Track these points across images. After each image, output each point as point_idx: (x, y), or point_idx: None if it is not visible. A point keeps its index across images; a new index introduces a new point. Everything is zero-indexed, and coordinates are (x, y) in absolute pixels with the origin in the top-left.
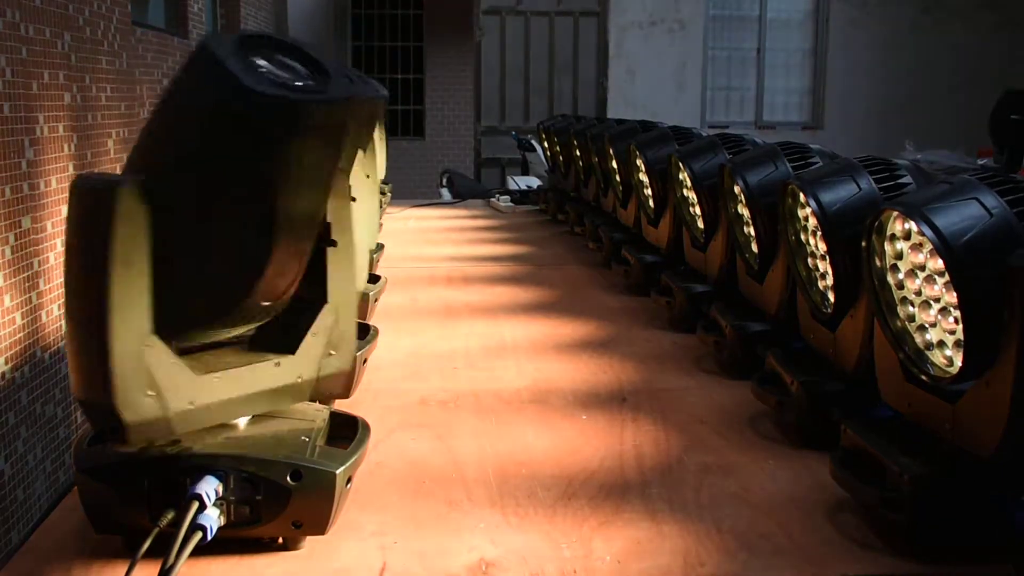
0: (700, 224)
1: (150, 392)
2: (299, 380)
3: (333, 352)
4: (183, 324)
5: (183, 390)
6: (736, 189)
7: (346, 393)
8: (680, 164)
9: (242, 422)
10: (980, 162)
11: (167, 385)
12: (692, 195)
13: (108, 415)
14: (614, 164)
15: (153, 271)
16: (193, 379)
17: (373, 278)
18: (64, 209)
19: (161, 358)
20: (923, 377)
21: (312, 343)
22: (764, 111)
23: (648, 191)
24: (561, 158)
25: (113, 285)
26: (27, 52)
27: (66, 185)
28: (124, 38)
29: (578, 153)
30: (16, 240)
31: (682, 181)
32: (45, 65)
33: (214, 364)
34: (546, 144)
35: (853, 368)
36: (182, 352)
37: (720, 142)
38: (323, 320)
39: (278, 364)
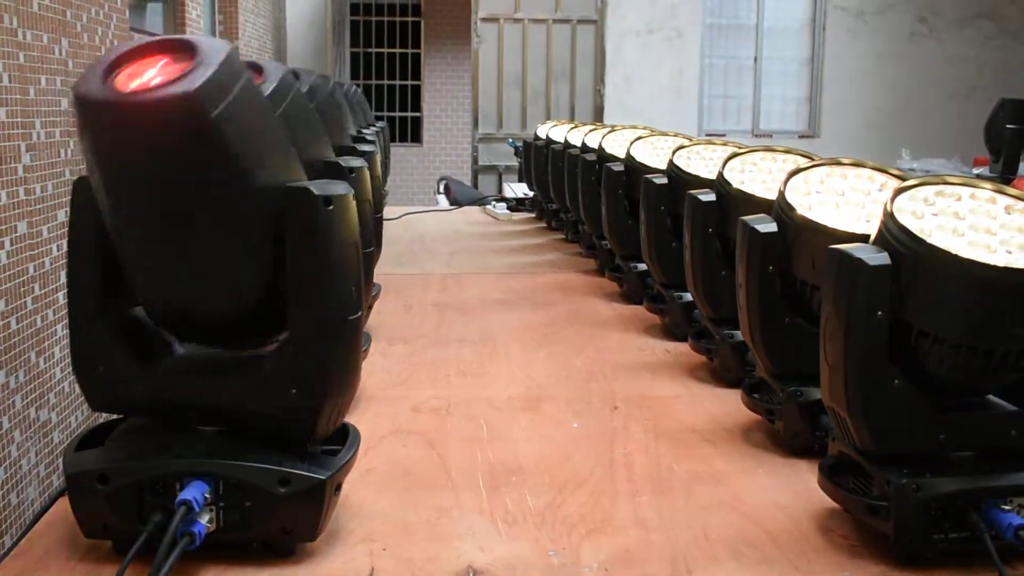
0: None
1: (100, 367)
2: (253, 409)
3: (296, 390)
4: (156, 314)
5: (132, 374)
6: None
7: (305, 437)
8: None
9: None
10: (976, 171)
11: (113, 365)
12: None
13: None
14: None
15: (110, 256)
16: (139, 366)
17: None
18: (60, 214)
19: (111, 339)
20: None
21: (271, 370)
22: (760, 119)
23: None
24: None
25: (72, 266)
26: (24, 58)
27: (62, 191)
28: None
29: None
30: (12, 245)
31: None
32: (42, 71)
33: (178, 362)
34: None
35: None
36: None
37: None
38: (283, 349)
39: (238, 383)
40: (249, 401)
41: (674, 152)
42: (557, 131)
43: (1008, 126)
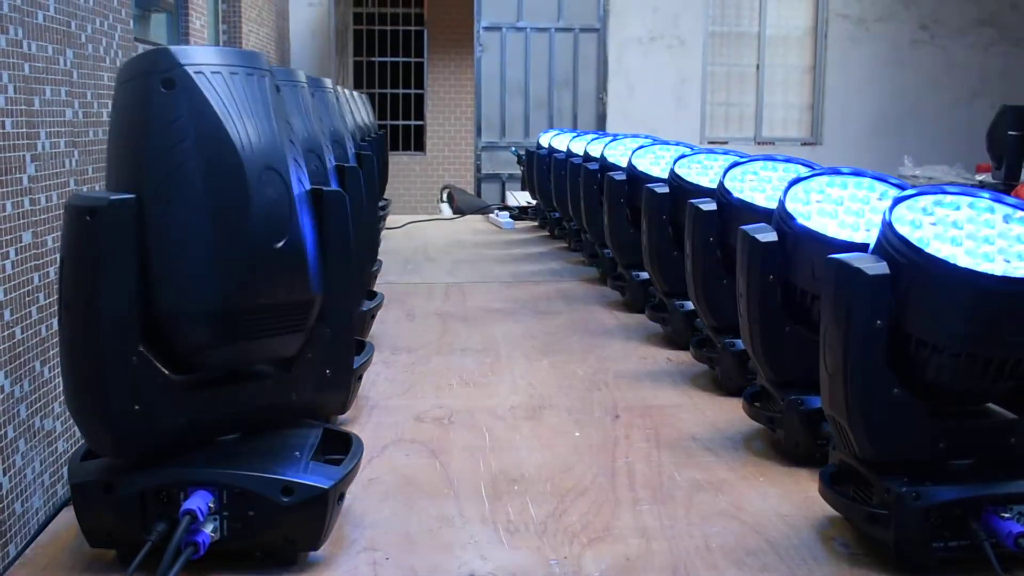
0: None
1: (136, 406)
2: (294, 399)
3: (329, 371)
4: (177, 338)
5: (172, 405)
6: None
7: (341, 410)
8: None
9: (235, 437)
10: (978, 178)
11: (155, 399)
12: None
13: (97, 427)
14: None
15: (142, 285)
16: (183, 394)
17: (370, 294)
18: None
19: (149, 372)
20: None
21: (308, 362)
22: (763, 127)
23: None
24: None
25: (101, 299)
26: (29, 69)
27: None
28: (126, 54)
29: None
30: (17, 255)
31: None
32: (47, 81)
33: (206, 379)
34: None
35: None
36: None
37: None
38: (319, 338)
39: (272, 382)
40: (292, 391)
41: (675, 161)
42: (559, 140)
43: (1010, 133)
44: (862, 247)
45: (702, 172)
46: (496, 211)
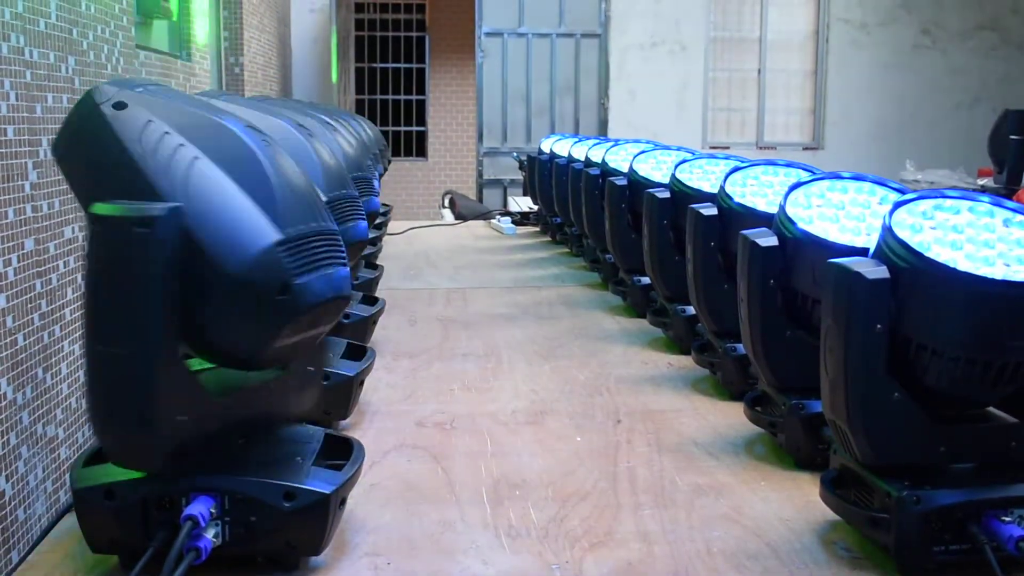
0: None
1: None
2: None
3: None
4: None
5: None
6: None
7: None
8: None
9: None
10: (980, 182)
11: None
12: None
13: None
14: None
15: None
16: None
17: (372, 300)
18: (67, 231)
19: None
20: None
21: None
22: (764, 131)
23: None
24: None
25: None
26: (31, 76)
27: (69, 207)
28: (128, 61)
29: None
30: (19, 262)
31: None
32: (49, 88)
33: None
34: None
35: None
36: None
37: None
38: None
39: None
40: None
41: (676, 166)
42: (561, 145)
43: (1012, 137)
44: (862, 251)
45: (703, 177)
46: (498, 216)
